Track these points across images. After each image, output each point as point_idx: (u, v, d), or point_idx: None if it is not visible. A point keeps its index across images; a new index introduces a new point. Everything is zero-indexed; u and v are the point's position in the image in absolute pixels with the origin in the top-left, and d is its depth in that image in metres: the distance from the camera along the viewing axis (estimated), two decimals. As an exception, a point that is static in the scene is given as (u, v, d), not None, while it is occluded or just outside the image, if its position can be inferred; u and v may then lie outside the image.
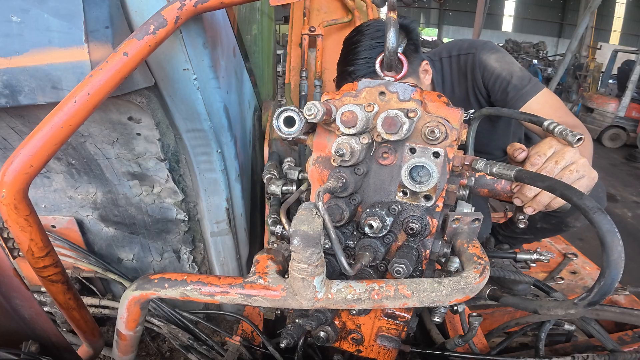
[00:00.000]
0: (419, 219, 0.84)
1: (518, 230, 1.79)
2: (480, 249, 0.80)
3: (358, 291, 0.73)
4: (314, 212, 0.66)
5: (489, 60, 1.54)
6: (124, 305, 0.83)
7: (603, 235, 0.63)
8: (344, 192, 0.82)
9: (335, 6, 1.93)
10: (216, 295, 0.78)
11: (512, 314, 1.66)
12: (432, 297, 0.71)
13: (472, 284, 0.70)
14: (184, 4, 0.80)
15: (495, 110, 1.16)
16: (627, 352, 1.23)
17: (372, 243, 0.84)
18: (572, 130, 0.89)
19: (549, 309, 0.77)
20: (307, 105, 0.72)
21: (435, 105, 0.82)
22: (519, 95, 1.47)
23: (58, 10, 0.81)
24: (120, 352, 0.92)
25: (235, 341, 1.31)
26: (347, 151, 0.75)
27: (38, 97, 0.85)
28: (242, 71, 1.43)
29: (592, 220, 0.65)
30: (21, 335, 0.98)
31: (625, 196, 5.98)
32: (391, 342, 1.04)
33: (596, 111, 8.58)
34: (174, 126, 1.14)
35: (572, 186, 0.70)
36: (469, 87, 1.62)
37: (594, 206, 0.65)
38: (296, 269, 0.69)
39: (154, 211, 1.38)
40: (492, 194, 0.95)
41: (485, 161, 0.87)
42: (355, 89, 0.84)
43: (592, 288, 0.67)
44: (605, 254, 0.63)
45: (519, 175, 0.79)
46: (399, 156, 0.82)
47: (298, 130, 0.75)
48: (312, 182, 0.91)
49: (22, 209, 0.75)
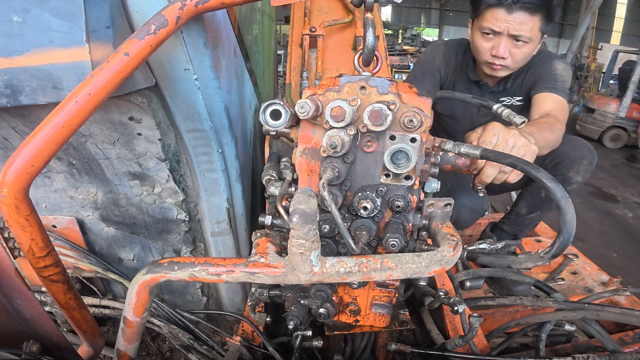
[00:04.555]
0: (402, 197, 0.94)
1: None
2: (452, 228, 0.94)
3: (349, 265, 0.83)
4: (310, 194, 0.73)
5: (556, 60, 1.74)
6: (133, 290, 0.87)
7: (558, 200, 0.78)
8: (337, 180, 0.90)
9: (336, 6, 1.93)
10: (222, 275, 0.84)
11: (512, 315, 1.66)
12: (414, 269, 0.82)
13: (447, 257, 0.83)
14: (185, 4, 0.81)
15: (449, 94, 1.29)
16: (628, 353, 1.23)
17: (366, 223, 0.95)
18: (516, 114, 1.08)
19: (520, 263, 0.97)
20: (299, 103, 0.80)
21: (409, 96, 0.91)
22: (550, 84, 1.65)
23: (59, 10, 0.81)
24: (125, 341, 0.95)
25: (236, 341, 1.31)
26: (339, 143, 0.82)
27: (39, 97, 0.86)
28: (243, 71, 1.43)
29: (548, 189, 0.79)
30: (22, 335, 0.98)
31: (626, 197, 5.97)
32: (384, 309, 1.16)
33: (597, 112, 8.56)
34: (175, 126, 1.14)
35: (529, 162, 0.84)
36: (528, 77, 1.79)
37: (548, 177, 0.79)
38: (295, 244, 0.76)
39: (154, 211, 1.38)
40: (455, 168, 1.08)
41: (453, 142, 0.96)
42: (338, 84, 0.90)
43: (553, 243, 0.84)
44: (562, 215, 0.79)
45: (484, 154, 0.91)
46: (381, 143, 0.90)
47: (284, 123, 0.83)
48: (300, 172, 0.97)
49: (23, 209, 0.75)
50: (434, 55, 1.92)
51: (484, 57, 1.66)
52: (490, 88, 1.85)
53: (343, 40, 1.86)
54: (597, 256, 2.34)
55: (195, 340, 1.45)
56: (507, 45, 1.58)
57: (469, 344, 1.26)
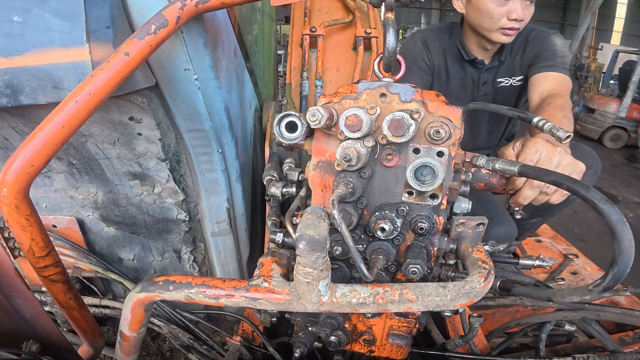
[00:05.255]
0: (427, 218, 0.84)
1: (525, 216, 1.79)
2: (484, 254, 0.80)
3: (363, 295, 0.73)
4: (320, 216, 0.66)
5: (553, 35, 1.72)
6: (128, 307, 0.83)
7: (613, 226, 0.65)
8: (351, 197, 0.81)
9: (336, 6, 1.93)
10: (221, 298, 0.78)
11: (512, 315, 1.66)
12: (437, 302, 0.71)
13: (476, 289, 0.71)
14: (185, 4, 0.80)
15: (482, 105, 1.18)
16: (628, 353, 1.23)
17: (383, 245, 0.84)
18: (560, 127, 0.90)
19: (563, 297, 0.77)
20: (311, 111, 0.72)
21: (436, 104, 0.82)
22: (549, 62, 1.62)
23: (59, 10, 0.81)
24: (123, 353, 0.92)
25: (236, 341, 1.31)
26: (353, 156, 0.74)
27: (39, 97, 0.85)
28: (243, 71, 1.43)
29: (601, 212, 0.66)
30: (22, 334, 0.98)
31: (626, 197, 5.97)
32: (403, 340, 1.04)
33: (597, 112, 8.56)
34: (175, 126, 1.14)
35: (577, 180, 0.71)
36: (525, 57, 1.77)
37: (601, 198, 0.66)
38: (301, 272, 0.69)
39: (154, 211, 1.38)
40: (488, 187, 0.97)
41: (486, 157, 0.87)
42: (355, 91, 0.83)
43: (605, 274, 0.69)
44: (617, 242, 0.65)
45: (523, 171, 0.79)
46: (403, 157, 0.81)
47: (300, 136, 0.75)
48: (313, 187, 0.89)
49: (23, 209, 0.75)
50: (411, 47, 1.88)
51: (499, 23, 1.61)
52: (486, 66, 1.83)
53: (343, 41, 1.86)
54: (597, 256, 2.33)
55: (196, 340, 1.44)
56: (522, 5, 1.58)
57: (469, 344, 1.25)
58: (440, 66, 1.88)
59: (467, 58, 1.82)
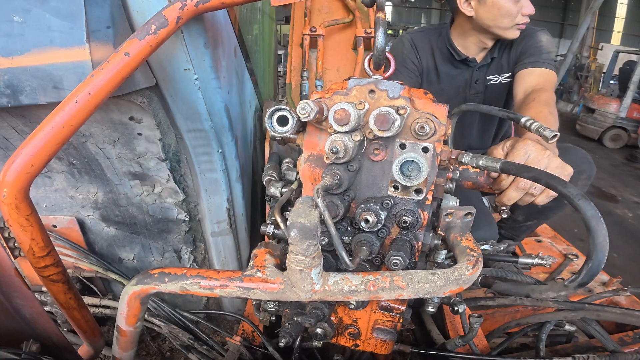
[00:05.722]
0: (411, 212, 0.87)
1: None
2: (472, 242, 0.82)
3: (354, 283, 0.75)
4: (311, 205, 0.68)
5: (539, 32, 1.75)
6: (124, 300, 0.84)
7: (588, 221, 0.66)
8: (338, 188, 0.84)
9: (336, 6, 1.93)
10: (215, 289, 0.79)
11: (512, 315, 1.66)
12: (427, 288, 0.73)
13: (465, 275, 0.73)
14: (185, 4, 0.80)
15: (474, 106, 1.20)
16: (628, 353, 1.23)
17: (368, 237, 0.87)
18: (547, 127, 0.92)
19: (540, 292, 0.80)
20: (301, 104, 0.74)
21: (423, 102, 0.85)
22: (534, 58, 1.65)
23: (59, 10, 0.81)
24: (120, 349, 0.92)
25: (236, 341, 1.31)
26: (341, 148, 0.77)
27: (39, 96, 0.86)
28: (243, 71, 1.43)
29: (577, 207, 0.67)
30: (22, 334, 0.98)
31: (626, 197, 5.97)
32: (387, 334, 1.07)
33: (597, 112, 8.56)
34: (175, 126, 1.14)
35: (556, 176, 0.72)
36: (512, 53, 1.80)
37: (577, 193, 0.67)
38: (294, 260, 0.70)
39: (154, 211, 1.38)
40: (476, 186, 0.99)
41: (471, 154, 0.89)
42: (345, 87, 0.86)
43: (580, 270, 0.70)
44: (592, 237, 0.66)
45: (504, 167, 0.82)
46: (389, 152, 0.85)
47: (291, 129, 0.78)
48: (303, 180, 0.92)
49: (23, 209, 0.75)
50: (400, 48, 1.91)
51: (515, 20, 1.65)
52: (479, 64, 1.84)
53: (343, 41, 1.85)
54: (597, 256, 2.32)
55: (196, 340, 1.44)
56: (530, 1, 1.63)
57: (469, 344, 1.25)
58: (430, 67, 1.90)
59: (459, 58, 1.84)
